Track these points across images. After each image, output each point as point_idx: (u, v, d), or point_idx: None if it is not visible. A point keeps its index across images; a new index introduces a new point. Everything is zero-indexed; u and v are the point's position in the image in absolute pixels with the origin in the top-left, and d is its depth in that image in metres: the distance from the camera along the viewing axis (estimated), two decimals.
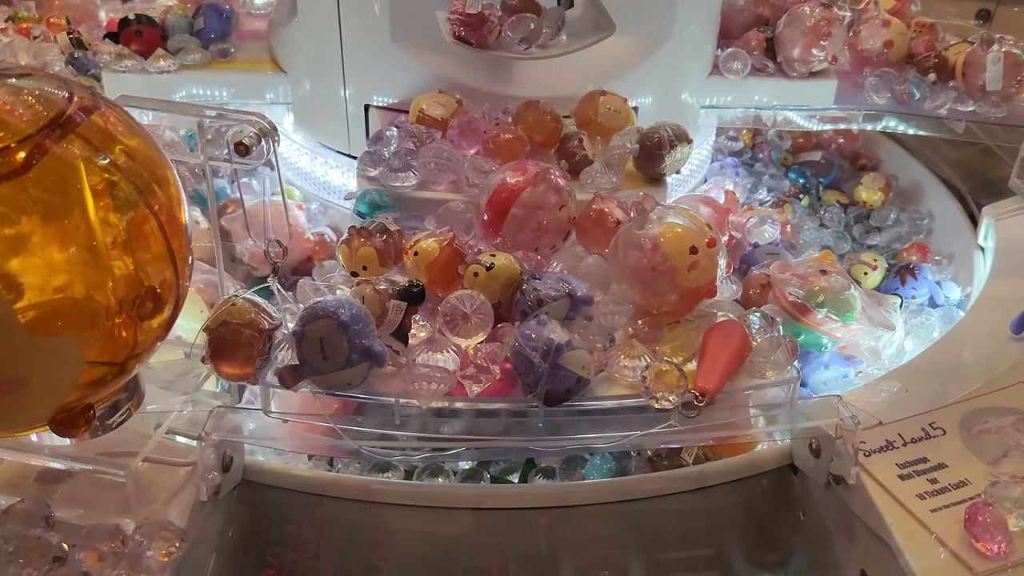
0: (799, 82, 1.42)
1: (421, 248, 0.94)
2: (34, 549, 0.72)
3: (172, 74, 1.34)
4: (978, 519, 0.78)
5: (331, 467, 1.01)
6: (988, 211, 1.34)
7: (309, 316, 0.79)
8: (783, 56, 1.42)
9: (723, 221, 1.23)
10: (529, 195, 1.01)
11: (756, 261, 1.20)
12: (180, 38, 1.39)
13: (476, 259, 0.91)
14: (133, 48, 1.37)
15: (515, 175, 1.04)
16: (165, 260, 0.73)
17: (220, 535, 0.86)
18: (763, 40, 1.44)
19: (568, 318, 0.86)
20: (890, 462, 0.87)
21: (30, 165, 0.62)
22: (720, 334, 0.86)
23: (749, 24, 1.49)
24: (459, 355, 0.84)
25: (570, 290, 0.87)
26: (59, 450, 0.79)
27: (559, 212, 1.02)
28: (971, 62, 1.43)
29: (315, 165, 1.36)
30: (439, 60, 1.24)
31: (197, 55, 1.37)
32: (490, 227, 1.05)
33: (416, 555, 0.92)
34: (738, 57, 1.40)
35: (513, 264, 0.91)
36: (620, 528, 0.93)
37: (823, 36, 1.38)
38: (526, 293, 0.86)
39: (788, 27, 1.41)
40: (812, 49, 1.39)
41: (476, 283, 0.88)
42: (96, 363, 0.70)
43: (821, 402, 0.91)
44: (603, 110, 1.20)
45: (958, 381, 1.00)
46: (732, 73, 1.40)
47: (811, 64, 1.41)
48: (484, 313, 0.85)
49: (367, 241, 0.98)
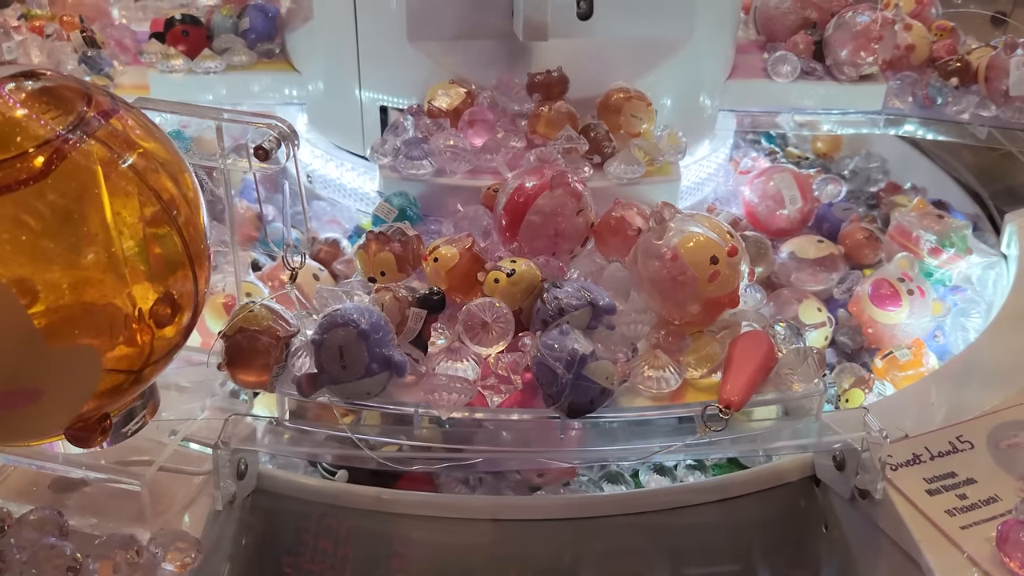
0: (848, 85, 1.41)
1: (440, 255, 0.92)
2: (48, 559, 0.71)
3: (218, 74, 1.34)
4: (1011, 537, 0.76)
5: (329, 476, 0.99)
6: (1011, 218, 1.32)
7: (328, 324, 0.78)
8: (832, 59, 1.41)
9: (807, 185, 1.39)
10: (546, 200, 0.99)
11: (836, 218, 1.38)
12: (226, 38, 1.38)
13: (496, 266, 0.89)
14: (179, 48, 1.36)
15: (532, 179, 1.02)
16: (183, 266, 0.71)
17: (235, 544, 0.85)
18: (811, 43, 1.42)
19: (590, 327, 0.84)
20: (917, 476, 0.85)
21: (49, 171, 0.60)
22: (746, 345, 0.84)
23: (795, 27, 1.47)
24: (479, 364, 0.82)
25: (592, 299, 0.85)
26: (74, 458, 0.78)
27: (576, 217, 1.00)
28: (994, 66, 1.41)
29: (329, 167, 1.35)
30: (456, 60, 1.23)
31: (243, 56, 1.36)
32: (507, 232, 1.03)
33: (434, 566, 0.91)
34: (787, 60, 1.39)
35: (534, 271, 0.89)
36: (640, 540, 0.92)
37: (874, 39, 1.36)
38: (547, 302, 0.84)
39: (838, 30, 1.39)
40: (861, 52, 1.37)
41: (496, 290, 0.87)
42: (113, 371, 0.69)
43: (846, 414, 0.89)
44: (625, 117, 1.20)
45: (984, 393, 0.98)
46: (781, 76, 1.39)
47: (861, 68, 1.39)
48: (505, 321, 0.83)
49: (385, 246, 0.97)
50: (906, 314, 1.19)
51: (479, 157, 1.18)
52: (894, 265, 1.24)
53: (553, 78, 1.21)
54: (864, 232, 1.34)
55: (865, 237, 1.33)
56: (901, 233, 1.32)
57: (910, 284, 1.20)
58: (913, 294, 1.20)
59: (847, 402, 1.11)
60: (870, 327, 1.23)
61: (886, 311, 1.20)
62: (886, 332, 1.21)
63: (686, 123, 1.29)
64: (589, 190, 1.02)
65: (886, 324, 1.21)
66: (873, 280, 1.23)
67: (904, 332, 1.20)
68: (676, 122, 1.27)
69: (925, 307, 1.20)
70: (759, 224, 1.38)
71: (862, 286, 1.25)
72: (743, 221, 1.38)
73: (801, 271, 1.28)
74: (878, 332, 1.22)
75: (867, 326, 1.23)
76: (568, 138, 1.16)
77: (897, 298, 1.19)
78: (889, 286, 1.21)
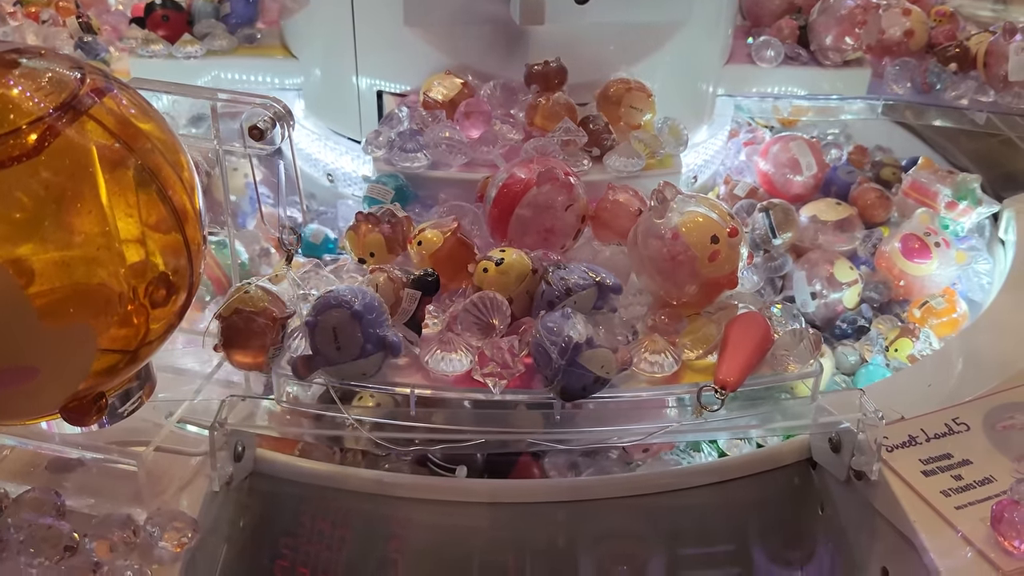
0: (833, 70, 1.40)
1: (425, 238, 0.91)
2: (45, 539, 0.71)
3: (198, 59, 1.33)
4: (1004, 517, 0.76)
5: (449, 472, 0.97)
6: (1009, 204, 1.32)
7: (322, 306, 0.77)
8: (816, 44, 1.40)
9: (819, 151, 1.44)
10: (535, 195, 0.96)
11: (843, 180, 1.44)
12: (207, 23, 1.38)
13: (486, 255, 0.87)
14: (160, 33, 1.36)
15: (523, 171, 0.98)
16: (178, 246, 0.71)
17: (232, 525, 0.85)
18: (796, 28, 1.42)
19: (596, 307, 0.83)
20: (913, 458, 0.85)
21: (42, 147, 0.60)
22: (742, 326, 0.84)
23: (780, 11, 1.47)
24: (474, 354, 0.81)
25: (599, 279, 0.84)
26: (70, 439, 0.78)
27: (566, 212, 0.96)
28: (993, 52, 1.40)
29: (325, 151, 1.35)
30: (453, 45, 1.22)
31: (224, 41, 1.36)
32: (497, 225, 0.99)
33: (432, 548, 0.91)
34: (771, 45, 1.38)
35: (524, 259, 0.87)
36: (637, 522, 0.92)
37: (858, 24, 1.36)
38: (553, 283, 0.83)
39: (823, 15, 1.39)
40: (846, 37, 1.37)
41: (486, 280, 0.85)
42: (108, 351, 0.69)
43: (843, 396, 0.89)
44: (625, 108, 1.18)
45: (981, 375, 0.99)
46: (765, 61, 1.38)
47: (845, 53, 1.39)
48: (504, 313, 0.82)
49: (375, 227, 0.96)
50: (936, 265, 1.27)
51: (475, 149, 1.16)
52: (916, 220, 1.31)
53: (551, 69, 1.19)
54: (875, 192, 1.41)
55: (877, 197, 1.40)
56: (917, 190, 1.37)
57: (936, 237, 1.28)
58: (940, 246, 1.27)
59: (896, 351, 1.19)
60: (901, 280, 1.30)
61: (916, 263, 1.28)
62: (916, 283, 1.29)
63: (685, 108, 1.29)
64: (581, 182, 0.99)
65: (916, 276, 1.28)
66: (902, 236, 1.30)
67: (933, 282, 1.28)
68: (674, 107, 1.26)
69: (951, 257, 1.28)
70: (776, 191, 1.43)
71: (889, 242, 1.31)
72: (761, 190, 1.43)
73: (825, 233, 1.34)
74: (909, 284, 1.29)
75: (898, 279, 1.30)
76: (567, 130, 1.14)
77: (926, 250, 1.27)
78: (917, 240, 1.28)
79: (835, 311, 1.26)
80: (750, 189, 1.41)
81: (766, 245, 1.29)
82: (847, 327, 1.25)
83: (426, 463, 0.97)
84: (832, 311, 1.26)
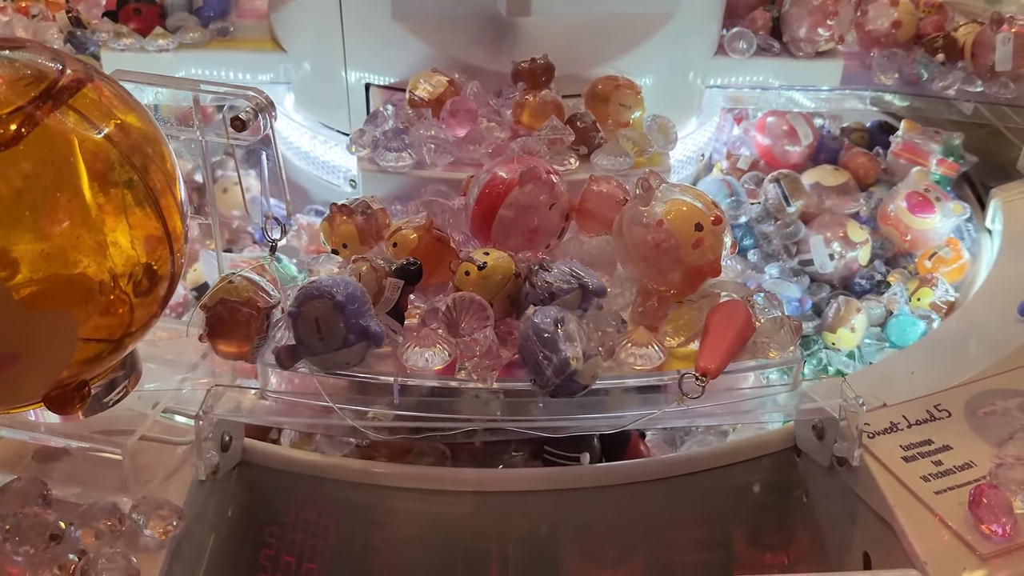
0: (805, 62, 1.41)
1: (400, 238, 0.91)
2: (31, 527, 0.72)
3: (171, 53, 1.33)
4: (983, 501, 0.77)
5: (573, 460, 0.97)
6: (996, 193, 1.33)
7: (304, 296, 0.78)
8: (789, 36, 1.41)
9: (811, 121, 1.52)
10: (517, 195, 0.94)
11: (830, 147, 1.52)
12: (179, 16, 1.38)
13: (468, 257, 0.86)
14: (131, 26, 1.36)
15: (504, 170, 0.96)
16: (161, 237, 0.72)
17: (219, 515, 0.86)
18: (769, 19, 1.43)
19: (581, 308, 0.83)
20: (894, 444, 0.86)
21: (20, 137, 0.61)
22: (723, 314, 0.84)
23: (755, 3, 1.47)
24: (450, 351, 0.81)
25: (582, 281, 0.83)
26: (56, 428, 0.79)
27: (550, 211, 0.95)
28: (980, 42, 1.41)
29: (315, 144, 1.35)
30: (440, 38, 1.23)
31: (196, 33, 1.36)
32: (480, 225, 0.97)
33: (417, 537, 0.92)
34: (743, 36, 1.38)
35: (508, 261, 0.86)
36: (622, 510, 0.93)
37: (829, 15, 1.37)
38: (537, 286, 0.82)
39: (795, 6, 1.40)
40: (818, 28, 1.38)
41: (467, 283, 0.84)
42: (91, 340, 0.69)
43: (825, 383, 0.90)
44: (614, 105, 1.18)
45: (964, 363, 0.99)
46: (737, 53, 1.39)
47: (817, 44, 1.39)
48: (487, 317, 0.81)
49: (348, 218, 0.96)
50: (939, 217, 1.36)
51: (461, 148, 1.15)
52: (914, 179, 1.40)
53: (538, 65, 1.18)
54: (864, 155, 1.50)
55: (867, 160, 1.50)
56: (909, 150, 1.48)
57: (935, 192, 1.38)
58: (940, 200, 1.37)
59: (919, 300, 1.30)
60: (907, 234, 1.39)
61: (921, 217, 1.37)
62: (921, 236, 1.38)
63: (673, 100, 1.29)
64: (564, 180, 0.98)
65: (921, 229, 1.37)
66: (906, 193, 1.38)
67: (936, 234, 1.37)
68: (663, 99, 1.27)
69: (950, 209, 1.36)
70: (776, 162, 1.51)
71: (893, 201, 1.39)
72: (761, 162, 1.51)
73: (830, 198, 1.43)
74: (915, 237, 1.38)
75: (904, 234, 1.39)
76: (553, 128, 1.12)
77: (929, 204, 1.36)
78: (919, 196, 1.37)
79: (852, 269, 1.37)
80: (752, 162, 1.50)
81: (779, 213, 1.39)
82: (866, 283, 1.37)
83: (542, 456, 0.99)
84: (849, 270, 1.37)
